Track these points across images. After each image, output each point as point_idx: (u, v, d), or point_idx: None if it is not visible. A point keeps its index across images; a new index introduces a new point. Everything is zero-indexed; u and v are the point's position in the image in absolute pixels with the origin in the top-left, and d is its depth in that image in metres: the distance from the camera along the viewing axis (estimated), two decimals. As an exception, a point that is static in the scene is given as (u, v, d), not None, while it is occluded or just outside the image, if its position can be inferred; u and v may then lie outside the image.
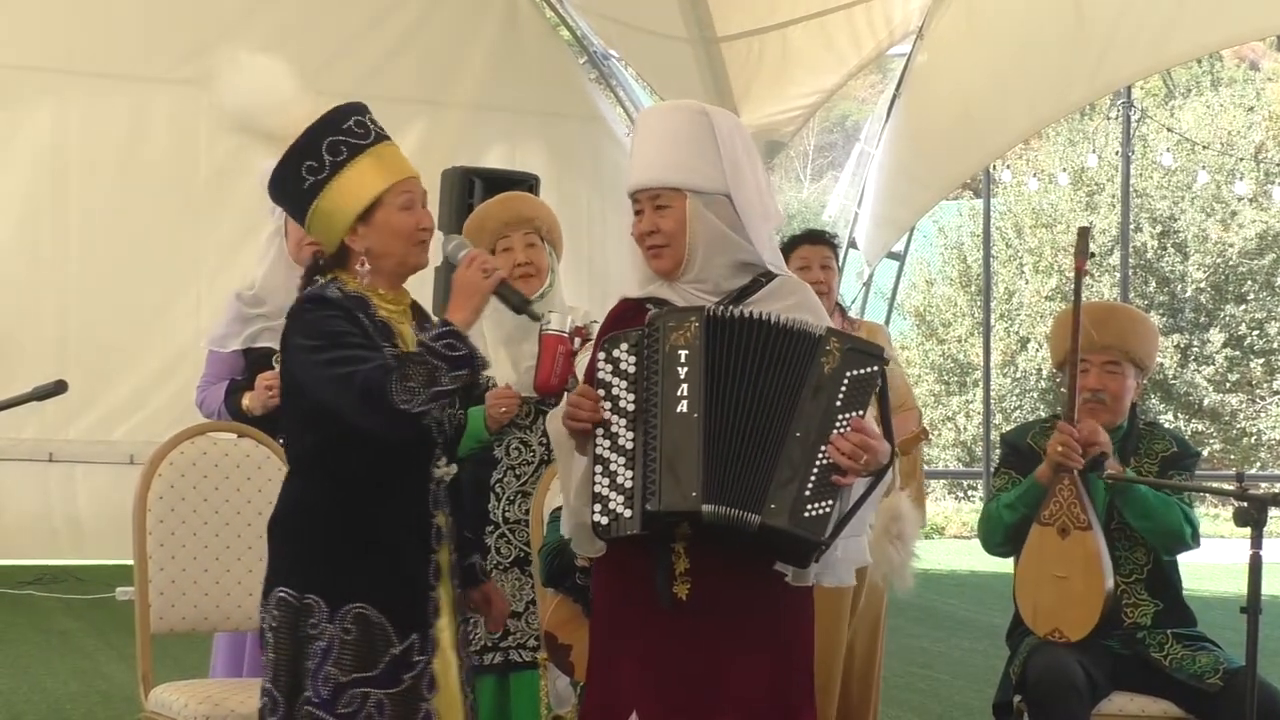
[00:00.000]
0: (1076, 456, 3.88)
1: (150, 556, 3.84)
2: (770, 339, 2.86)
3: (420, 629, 3.03)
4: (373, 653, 2.98)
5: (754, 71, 9.90)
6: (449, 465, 3.14)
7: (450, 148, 9.64)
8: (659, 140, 3.00)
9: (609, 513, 2.82)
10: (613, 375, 2.87)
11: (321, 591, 3.00)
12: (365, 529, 3.02)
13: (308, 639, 2.99)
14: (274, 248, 4.45)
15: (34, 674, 6.69)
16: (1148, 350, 4.17)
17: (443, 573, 3.09)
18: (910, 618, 8.82)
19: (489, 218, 4.19)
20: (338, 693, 2.96)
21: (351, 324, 3.00)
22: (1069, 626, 3.84)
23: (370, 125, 3.09)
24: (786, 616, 2.97)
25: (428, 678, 3.02)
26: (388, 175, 3.06)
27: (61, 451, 9.30)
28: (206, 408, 4.49)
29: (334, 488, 3.05)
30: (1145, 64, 8.94)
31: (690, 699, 2.89)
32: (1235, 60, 23.04)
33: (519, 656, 4.02)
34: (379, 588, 3.00)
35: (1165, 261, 20.33)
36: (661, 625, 2.90)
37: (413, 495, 3.07)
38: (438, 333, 2.96)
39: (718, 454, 2.80)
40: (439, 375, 2.90)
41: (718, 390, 2.82)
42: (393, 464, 3.03)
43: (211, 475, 3.95)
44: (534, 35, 10.58)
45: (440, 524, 3.10)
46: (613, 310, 3.13)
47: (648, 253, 3.00)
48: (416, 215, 3.09)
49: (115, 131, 9.38)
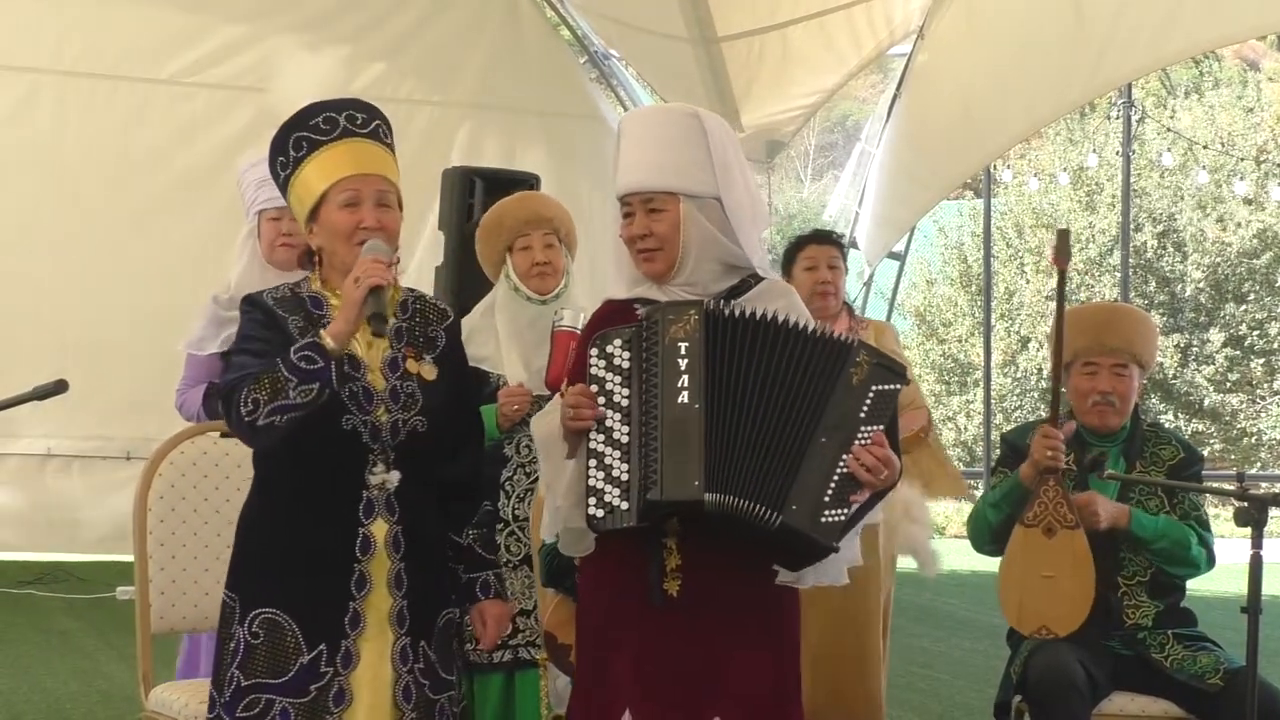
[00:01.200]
0: (1062, 458, 3.89)
1: (150, 556, 3.84)
2: (790, 341, 2.85)
3: (330, 640, 2.93)
4: (281, 659, 2.92)
5: (754, 71, 9.90)
6: (390, 472, 2.98)
7: (451, 147, 9.64)
8: (652, 143, 2.98)
9: (604, 505, 2.80)
10: (606, 371, 2.86)
11: (239, 594, 2.99)
12: (285, 534, 2.97)
13: (225, 640, 2.98)
14: (248, 249, 4.48)
15: (34, 674, 6.69)
16: (1151, 350, 4.19)
17: (372, 584, 2.96)
18: (910, 618, 8.82)
19: (507, 216, 4.20)
20: (238, 696, 2.91)
21: (267, 328, 2.97)
22: (1057, 623, 3.84)
23: (341, 121, 3.03)
24: (776, 613, 2.98)
25: (335, 690, 2.92)
26: (333, 172, 3.00)
27: (60, 448, 9.31)
28: (186, 410, 4.51)
29: (262, 492, 3.04)
30: (1144, 62, 8.94)
31: (682, 696, 2.88)
32: (1235, 60, 23.04)
33: (527, 654, 4.03)
34: (291, 595, 2.93)
35: (1165, 261, 20.33)
36: (653, 622, 2.89)
37: (337, 502, 2.96)
38: (299, 344, 2.87)
39: (720, 444, 2.79)
40: (287, 388, 2.82)
41: (719, 382, 2.82)
42: (315, 469, 2.96)
43: (211, 475, 3.95)
44: (535, 35, 10.57)
45: (375, 534, 2.97)
46: (598, 311, 3.12)
47: (639, 256, 2.99)
48: (359, 214, 2.99)
49: (116, 130, 9.38)
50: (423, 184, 8.23)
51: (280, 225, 4.45)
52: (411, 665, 2.99)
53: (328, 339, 2.86)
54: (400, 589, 2.98)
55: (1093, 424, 4.12)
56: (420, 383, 3.04)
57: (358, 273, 2.88)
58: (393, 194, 3.05)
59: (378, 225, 2.99)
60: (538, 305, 4.09)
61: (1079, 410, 4.15)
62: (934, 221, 20.55)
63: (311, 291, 3.05)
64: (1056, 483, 3.90)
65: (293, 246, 4.42)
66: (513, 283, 4.13)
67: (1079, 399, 4.14)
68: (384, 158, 3.07)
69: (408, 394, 3.02)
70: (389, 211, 3.03)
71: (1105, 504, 3.93)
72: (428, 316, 3.14)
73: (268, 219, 4.48)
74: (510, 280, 4.14)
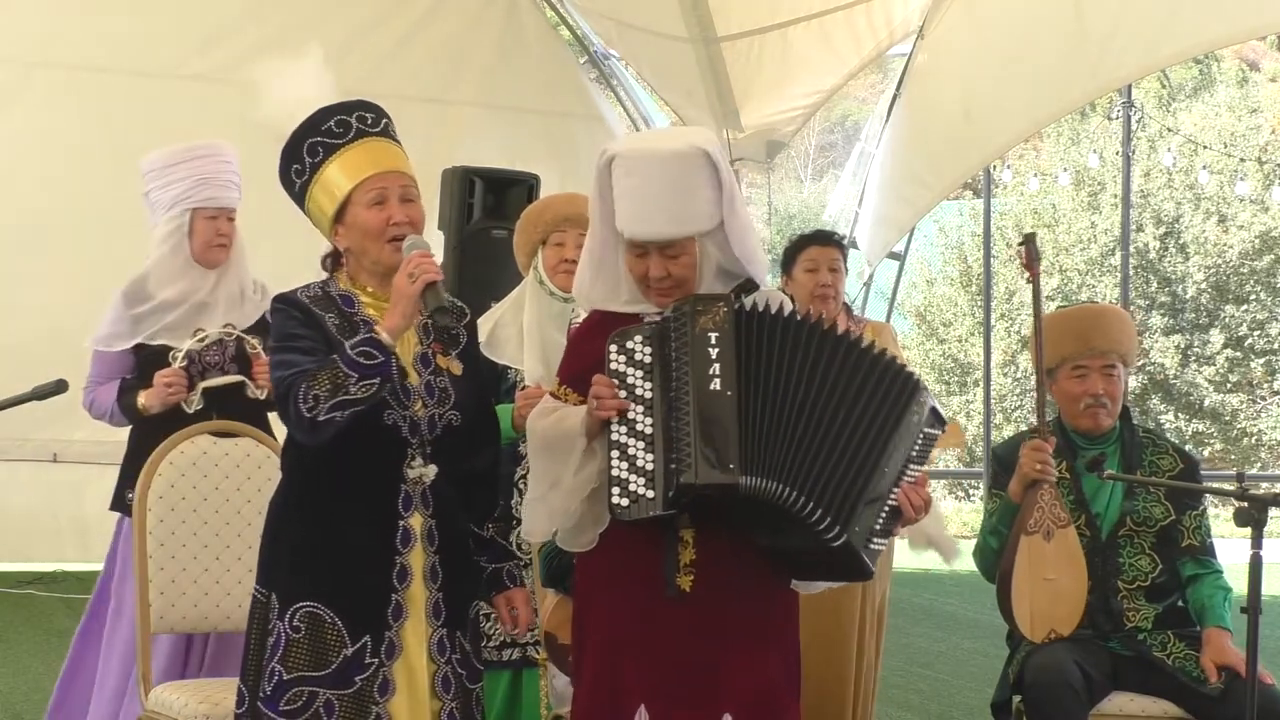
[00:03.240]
0: (1051, 471, 3.89)
1: (150, 556, 3.85)
2: (829, 345, 2.87)
3: (374, 631, 2.97)
4: (324, 652, 2.95)
5: (754, 71, 9.89)
6: (427, 466, 3.04)
7: (452, 146, 9.63)
8: (667, 192, 2.92)
9: (629, 494, 2.80)
10: (627, 365, 2.87)
11: (278, 589, 3.01)
12: (324, 528, 2.99)
13: (266, 635, 2.99)
14: (169, 245, 4.44)
15: (34, 674, 6.69)
16: (1135, 349, 4.23)
17: (412, 576, 3.02)
18: (910, 618, 8.82)
19: (548, 210, 4.20)
20: (281, 689, 2.94)
21: (309, 327, 2.99)
22: (1061, 624, 3.87)
23: (353, 123, 3.06)
24: (781, 609, 3.01)
25: (380, 680, 2.96)
26: (356, 173, 3.03)
27: (66, 452, 9.29)
28: (97, 409, 4.49)
29: (300, 486, 3.06)
30: (1145, 62, 8.94)
31: (694, 692, 2.89)
32: (1236, 60, 23.03)
33: (535, 653, 4.03)
34: (333, 588, 2.97)
35: (1167, 261, 20.32)
36: (663, 618, 2.90)
37: (378, 496, 3.01)
38: (356, 340, 2.90)
39: (753, 430, 2.80)
40: (347, 384, 2.85)
41: (750, 372, 2.83)
42: (356, 464, 2.99)
43: (211, 475, 3.95)
44: (536, 34, 10.57)
45: (414, 526, 3.02)
46: (588, 320, 3.12)
47: (653, 292, 2.98)
48: (387, 211, 3.03)
49: (117, 129, 9.34)
50: (423, 183, 8.21)
51: (217, 225, 4.45)
52: (449, 655, 3.05)
53: (383, 334, 2.90)
54: (435, 581, 3.05)
55: (1085, 427, 4.12)
56: (450, 378, 3.10)
57: (409, 269, 2.92)
58: (414, 189, 3.11)
59: (407, 220, 3.04)
60: (561, 302, 4.10)
61: (1070, 414, 4.15)
62: (934, 221, 20.54)
63: (341, 290, 3.09)
64: (1051, 485, 3.90)
65: (225, 246, 4.43)
66: (539, 276, 4.14)
67: (1069, 402, 4.13)
68: (400, 154, 3.12)
69: (441, 389, 3.08)
70: (414, 206, 3.08)
71: (1232, 655, 3.87)
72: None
73: (204, 218, 4.44)
74: (538, 273, 4.15)
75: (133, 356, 4.43)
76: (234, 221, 4.50)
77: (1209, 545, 4.10)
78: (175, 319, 4.42)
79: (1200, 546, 4.07)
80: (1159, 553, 4.06)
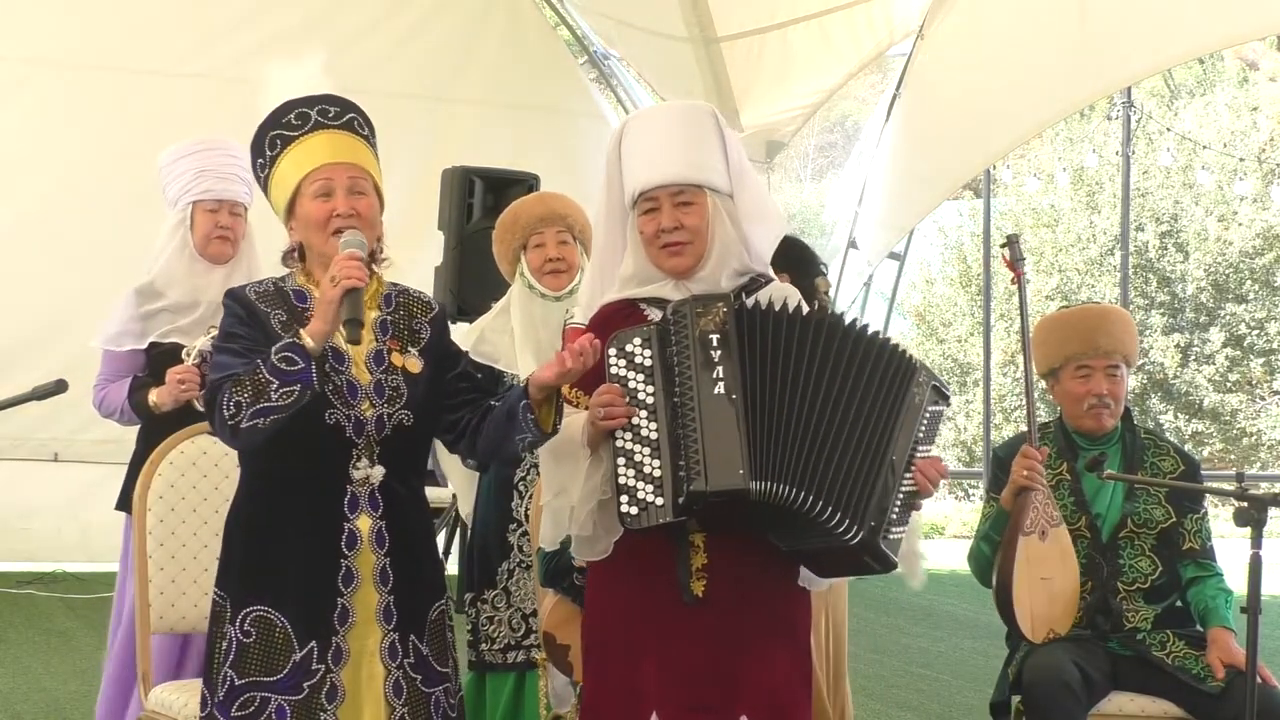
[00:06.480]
0: (1039, 479, 3.89)
1: (150, 556, 3.84)
2: (832, 338, 2.85)
3: (320, 636, 2.92)
4: (274, 657, 2.91)
5: (754, 71, 9.90)
6: (374, 467, 2.96)
7: (452, 145, 9.63)
8: (678, 139, 2.96)
9: (638, 502, 2.78)
10: (628, 370, 2.85)
11: (229, 593, 2.98)
12: (270, 531, 2.96)
13: (217, 639, 2.97)
14: (175, 240, 4.43)
15: (34, 674, 6.68)
16: (1136, 349, 4.22)
17: (360, 579, 2.95)
18: (910, 618, 8.82)
19: (522, 214, 4.22)
20: (232, 695, 2.90)
21: (249, 325, 2.95)
22: (1058, 623, 3.86)
23: (313, 115, 3.01)
24: (793, 610, 3.00)
25: (328, 686, 2.91)
26: (303, 164, 2.99)
27: (66, 452, 9.28)
28: (107, 407, 4.48)
29: (248, 487, 3.04)
30: (1147, 63, 8.95)
31: (710, 696, 2.88)
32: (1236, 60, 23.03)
33: (538, 655, 4.03)
34: (280, 592, 2.93)
35: (1166, 260, 20.31)
36: (676, 623, 2.89)
37: (321, 498, 2.95)
38: (279, 345, 2.84)
39: (760, 434, 2.79)
40: (268, 390, 2.79)
41: (754, 373, 2.81)
42: (299, 465, 2.95)
43: (211, 475, 3.94)
44: (537, 33, 10.57)
45: (360, 528, 2.95)
46: (598, 314, 3.09)
47: (665, 250, 2.96)
48: (332, 202, 2.97)
49: (117, 127, 9.35)
50: (423, 183, 8.25)
51: (218, 217, 4.43)
52: (401, 660, 2.97)
53: (307, 339, 2.83)
54: (386, 584, 2.98)
55: (1089, 427, 4.12)
56: (405, 376, 3.02)
57: (334, 272, 2.86)
58: (367, 181, 3.03)
59: (351, 211, 2.97)
60: (551, 302, 4.10)
61: (1073, 414, 4.14)
62: (934, 221, 20.52)
63: (295, 285, 3.05)
64: (1044, 485, 3.90)
65: (227, 239, 4.42)
66: (527, 280, 4.14)
67: (1073, 403, 4.13)
68: (357, 146, 3.05)
69: (393, 388, 3.00)
70: (363, 198, 3.00)
71: (1239, 654, 3.85)
72: (412, 309, 3.12)
73: (204, 210, 4.43)
74: (525, 278, 4.15)
75: (144, 355, 4.42)
76: (240, 216, 4.47)
77: (1209, 548, 4.10)
78: (187, 323, 4.40)
79: (1201, 549, 4.07)
80: (1159, 554, 4.06)
